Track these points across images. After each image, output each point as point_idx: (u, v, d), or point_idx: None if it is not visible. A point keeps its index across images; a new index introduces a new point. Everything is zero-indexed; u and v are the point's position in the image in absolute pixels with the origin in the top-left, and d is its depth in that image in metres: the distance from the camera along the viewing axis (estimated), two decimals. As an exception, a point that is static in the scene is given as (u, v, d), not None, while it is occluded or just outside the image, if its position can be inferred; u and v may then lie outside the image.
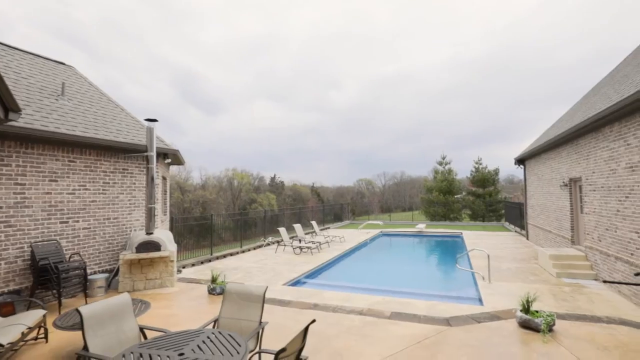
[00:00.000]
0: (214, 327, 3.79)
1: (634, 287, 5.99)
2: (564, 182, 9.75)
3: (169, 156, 9.15)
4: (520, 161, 14.93)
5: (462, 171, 50.81)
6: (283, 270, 9.16)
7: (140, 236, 7.12)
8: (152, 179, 7.42)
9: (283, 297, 6.51)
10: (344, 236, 15.76)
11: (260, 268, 9.49)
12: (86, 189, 7.02)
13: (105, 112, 8.33)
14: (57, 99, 7.46)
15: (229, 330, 3.65)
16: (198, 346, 2.85)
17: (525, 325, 4.78)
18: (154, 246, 7.04)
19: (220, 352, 2.73)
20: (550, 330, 4.64)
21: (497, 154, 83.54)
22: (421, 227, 19.08)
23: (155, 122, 7.46)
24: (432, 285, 8.62)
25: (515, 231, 17.29)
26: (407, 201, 55.09)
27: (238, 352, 2.73)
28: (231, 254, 11.77)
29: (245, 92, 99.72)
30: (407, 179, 62.31)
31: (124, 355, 2.70)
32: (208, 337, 3.03)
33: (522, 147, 15.43)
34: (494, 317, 5.29)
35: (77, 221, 6.86)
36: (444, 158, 31.27)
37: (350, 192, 54.51)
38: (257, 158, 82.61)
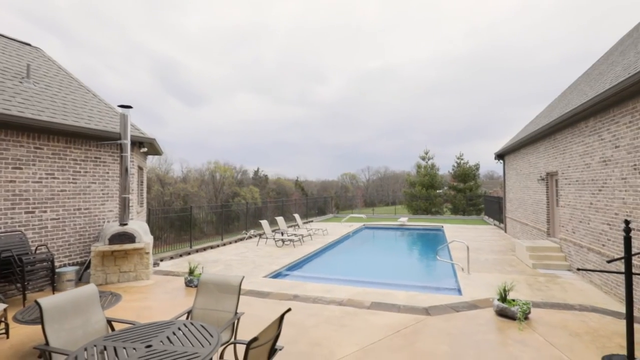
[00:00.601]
0: (187, 318, 3.64)
1: (605, 276, 6.21)
2: (541, 177, 10.00)
3: (145, 145, 8.79)
4: (500, 156, 15.26)
5: (444, 166, 51.64)
6: (264, 262, 9.03)
7: (114, 227, 6.82)
8: (127, 168, 7.09)
9: (263, 289, 6.39)
10: (327, 229, 15.75)
11: (240, 260, 9.32)
12: (54, 178, 6.65)
13: (76, 97, 7.89)
14: (21, 82, 7.00)
15: (203, 321, 3.51)
16: (168, 338, 2.70)
17: (502, 313, 4.87)
18: (128, 237, 6.76)
19: (191, 344, 2.60)
20: (526, 318, 4.73)
21: (478, 150, 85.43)
22: (403, 220, 19.29)
23: (130, 109, 7.12)
24: (412, 277, 8.71)
25: (494, 224, 17.75)
26: (391, 195, 55.69)
27: (210, 343, 2.60)
28: (212, 247, 11.52)
29: (228, 83, 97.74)
30: (391, 173, 63.03)
31: (86, 349, 2.53)
32: (179, 329, 2.89)
33: (503, 143, 15.77)
34: (472, 306, 5.36)
35: (45, 211, 6.49)
36: (426, 153, 31.70)
37: (334, 186, 54.65)
38: (240, 151, 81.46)
